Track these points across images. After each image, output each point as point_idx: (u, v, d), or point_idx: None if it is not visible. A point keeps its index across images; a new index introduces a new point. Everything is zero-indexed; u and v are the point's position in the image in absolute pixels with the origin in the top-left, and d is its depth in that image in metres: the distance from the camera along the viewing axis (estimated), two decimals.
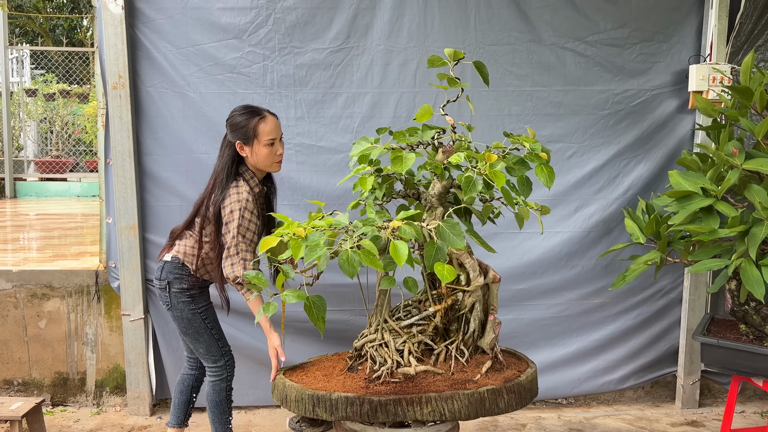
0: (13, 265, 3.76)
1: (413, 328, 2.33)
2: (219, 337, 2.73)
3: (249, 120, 2.53)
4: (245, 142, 2.54)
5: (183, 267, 2.63)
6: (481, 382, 2.15)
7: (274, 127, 2.56)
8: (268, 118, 2.56)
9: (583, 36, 3.51)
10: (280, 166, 2.63)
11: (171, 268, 2.63)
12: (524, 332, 3.64)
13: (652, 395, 3.84)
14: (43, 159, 9.70)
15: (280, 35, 3.39)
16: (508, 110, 3.52)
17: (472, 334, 2.32)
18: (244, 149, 2.55)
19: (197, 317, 2.66)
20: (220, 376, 2.74)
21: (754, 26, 3.53)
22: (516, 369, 2.30)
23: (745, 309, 2.76)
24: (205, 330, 2.68)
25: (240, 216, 2.47)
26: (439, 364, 2.26)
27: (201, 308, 2.68)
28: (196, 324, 2.66)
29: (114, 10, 3.29)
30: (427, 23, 3.42)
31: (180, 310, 2.65)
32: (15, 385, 3.67)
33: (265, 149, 2.54)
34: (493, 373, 2.23)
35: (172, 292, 2.63)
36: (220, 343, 2.73)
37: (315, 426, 3.27)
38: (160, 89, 3.41)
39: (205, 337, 2.69)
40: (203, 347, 2.70)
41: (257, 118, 2.54)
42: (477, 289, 2.30)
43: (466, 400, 2.06)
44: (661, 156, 3.59)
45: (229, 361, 2.77)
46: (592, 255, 3.60)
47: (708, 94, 3.41)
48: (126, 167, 3.40)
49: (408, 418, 2.08)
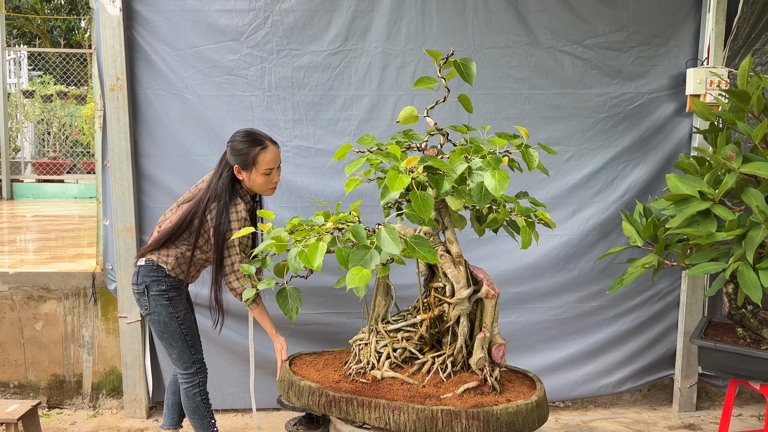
0: (9, 267, 3.75)
1: (399, 334, 2.31)
2: (193, 344, 2.75)
3: (251, 148, 2.56)
4: (243, 168, 2.58)
5: (158, 269, 2.64)
6: (447, 401, 2.05)
7: (273, 157, 2.60)
8: (269, 148, 2.59)
9: (580, 39, 3.51)
10: (273, 191, 2.70)
11: (146, 272, 2.65)
12: (521, 335, 3.64)
13: (649, 398, 3.84)
14: (41, 160, 9.68)
15: (278, 37, 3.39)
16: (506, 113, 3.52)
17: (460, 349, 2.22)
18: (242, 174, 2.60)
19: (174, 322, 2.67)
20: (191, 382, 2.76)
21: (751, 30, 3.54)
22: (507, 397, 2.13)
23: (742, 312, 2.76)
24: (179, 335, 2.69)
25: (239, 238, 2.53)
26: (419, 375, 2.20)
27: (179, 312, 2.68)
28: (171, 328, 2.68)
29: (112, 11, 3.28)
30: (425, 26, 3.42)
31: (158, 314, 2.66)
32: (11, 387, 3.66)
33: (262, 177, 2.59)
34: (474, 395, 2.09)
35: (151, 295, 2.64)
36: (193, 350, 2.75)
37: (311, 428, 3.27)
38: (157, 91, 3.40)
39: (179, 343, 2.70)
40: (176, 353, 2.72)
41: (259, 147, 2.57)
42: (462, 302, 2.19)
43: (414, 415, 1.98)
44: (658, 159, 3.60)
45: (201, 368, 2.79)
46: (589, 258, 3.61)
47: (705, 97, 3.41)
48: (123, 169, 3.39)
49: (357, 418, 2.09)
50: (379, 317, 2.39)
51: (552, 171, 3.59)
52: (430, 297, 2.29)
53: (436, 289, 2.26)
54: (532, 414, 2.04)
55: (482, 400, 2.06)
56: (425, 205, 1.91)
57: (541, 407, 2.09)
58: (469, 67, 2.23)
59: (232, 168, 2.60)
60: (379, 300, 2.41)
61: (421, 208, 1.91)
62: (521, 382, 2.32)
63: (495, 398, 2.09)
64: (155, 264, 2.64)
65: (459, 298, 2.17)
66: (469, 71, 2.22)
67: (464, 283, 2.18)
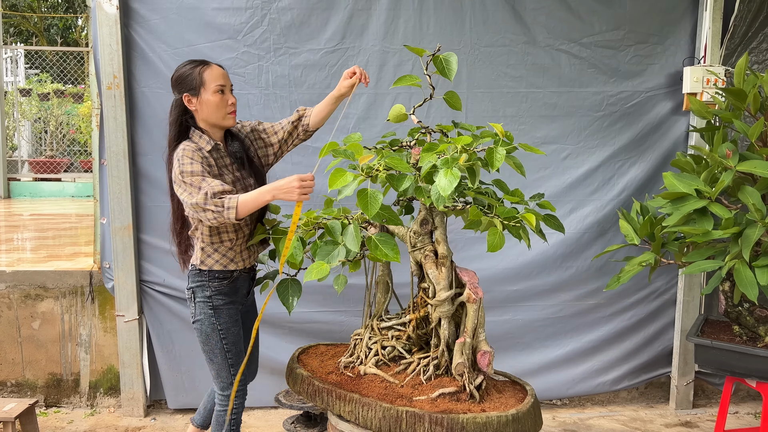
0: (6, 266, 3.75)
1: (390, 332, 2.31)
2: (234, 363, 2.44)
3: (193, 69, 2.33)
4: (192, 93, 2.33)
5: (201, 272, 2.39)
6: (417, 403, 2.04)
7: (221, 74, 2.36)
8: (213, 66, 2.36)
9: (577, 38, 3.51)
10: (234, 118, 2.40)
11: (192, 276, 2.41)
12: (519, 333, 3.65)
13: (646, 396, 3.85)
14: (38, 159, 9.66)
15: (275, 36, 3.38)
16: (503, 112, 3.52)
17: (443, 353, 2.18)
18: (192, 101, 2.33)
19: (215, 334, 2.39)
20: (225, 406, 2.47)
21: (748, 29, 3.55)
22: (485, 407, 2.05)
23: (738, 310, 2.77)
24: (220, 351, 2.40)
25: (179, 162, 2.24)
26: (403, 374, 2.21)
27: (223, 324, 2.40)
28: (212, 341, 2.40)
29: (109, 9, 3.28)
30: (423, 25, 3.42)
31: (201, 323, 2.40)
32: (8, 386, 3.65)
33: (215, 97, 2.32)
34: (448, 400, 2.06)
35: (197, 301, 2.39)
36: (233, 371, 2.44)
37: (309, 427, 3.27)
38: (155, 89, 3.40)
39: (219, 359, 2.41)
40: (215, 369, 2.45)
41: (202, 65, 2.35)
42: (442, 304, 2.16)
43: (381, 413, 2.00)
44: (655, 158, 3.60)
45: (239, 392, 2.47)
46: (586, 256, 3.61)
47: (702, 96, 3.42)
48: (120, 167, 3.39)
49: (333, 410, 2.14)
50: (376, 314, 2.40)
51: (549, 169, 3.59)
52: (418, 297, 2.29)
53: (423, 289, 2.26)
54: (507, 428, 1.95)
55: (453, 407, 2.02)
56: (372, 202, 1.95)
57: (519, 422, 1.98)
58: (450, 62, 2.17)
59: (180, 103, 2.34)
60: (379, 297, 2.42)
61: (367, 206, 1.95)
62: (513, 393, 2.21)
63: (468, 406, 2.03)
64: (196, 268, 2.39)
65: (438, 300, 2.15)
66: (449, 66, 2.16)
67: (444, 284, 2.15)
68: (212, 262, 2.37)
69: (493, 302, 3.60)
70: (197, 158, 2.25)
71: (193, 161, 2.23)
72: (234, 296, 2.43)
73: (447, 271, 2.16)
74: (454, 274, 2.19)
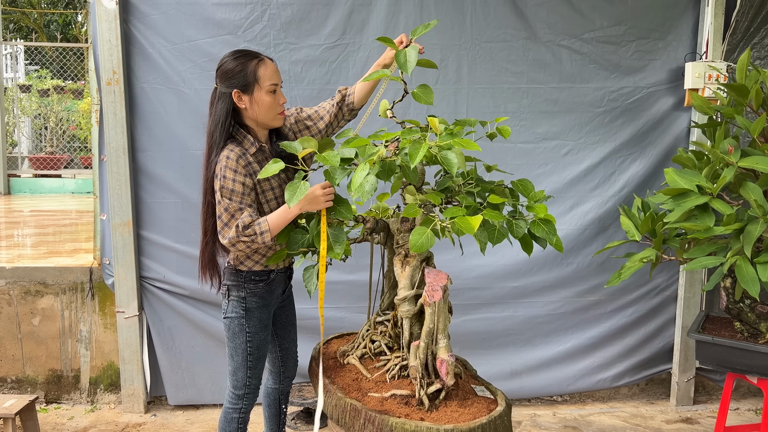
0: (6, 262, 3.74)
1: (380, 327, 2.33)
2: (254, 366, 2.38)
3: (247, 63, 2.17)
4: (244, 90, 2.17)
5: (237, 272, 2.31)
6: (367, 398, 2.05)
7: (275, 71, 2.21)
8: (267, 61, 2.20)
9: (578, 33, 3.50)
10: (283, 119, 2.28)
11: (229, 274, 2.33)
12: (519, 330, 3.64)
13: (647, 392, 3.85)
14: (38, 155, 9.65)
15: (275, 31, 3.37)
16: (504, 107, 3.51)
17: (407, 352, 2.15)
18: (243, 99, 2.18)
19: (242, 335, 2.33)
20: (234, 405, 2.41)
21: (750, 24, 3.53)
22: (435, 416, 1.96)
23: (740, 306, 2.76)
24: (243, 352, 2.34)
25: (222, 177, 2.13)
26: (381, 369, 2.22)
27: (251, 329, 2.33)
28: (238, 341, 2.33)
29: (108, 5, 3.27)
30: (423, 20, 3.41)
31: (231, 320, 2.33)
32: (8, 382, 3.65)
33: (269, 97, 2.18)
34: (396, 402, 2.04)
35: (231, 299, 2.32)
36: (250, 373, 2.38)
37: (310, 423, 3.27)
38: (154, 85, 3.39)
39: (239, 359, 2.36)
40: (232, 366, 2.39)
41: (256, 60, 2.18)
42: (402, 303, 2.12)
43: (334, 401, 2.07)
44: (656, 153, 3.59)
45: (250, 393, 2.42)
46: (587, 252, 3.61)
47: (704, 91, 3.41)
48: (120, 164, 3.38)
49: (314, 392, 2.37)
50: (380, 308, 2.42)
51: (550, 165, 3.58)
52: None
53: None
54: None
55: (396, 409, 1.99)
56: (296, 192, 1.98)
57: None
58: (409, 55, 2.06)
59: (228, 97, 2.18)
60: (384, 291, 2.44)
61: (291, 196, 1.99)
62: (480, 408, 2.03)
63: (410, 411, 1.98)
64: (234, 267, 2.31)
65: (398, 299, 2.13)
66: (408, 59, 2.06)
67: (405, 284, 2.11)
68: (251, 263, 2.30)
69: (494, 298, 3.60)
70: (240, 170, 2.14)
71: (236, 177, 2.13)
72: (269, 298, 2.37)
73: (411, 270, 2.11)
74: (421, 274, 2.12)
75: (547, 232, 2.01)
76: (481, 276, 3.55)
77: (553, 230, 2.02)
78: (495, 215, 1.93)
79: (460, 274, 3.55)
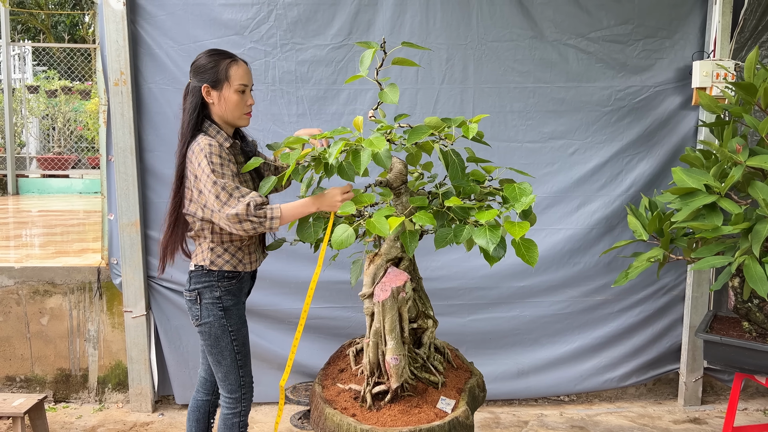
0: (15, 262, 3.77)
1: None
2: (243, 364, 2.36)
3: (220, 61, 2.24)
4: (213, 86, 2.24)
5: (209, 273, 2.28)
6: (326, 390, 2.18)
7: (246, 72, 2.28)
8: (240, 63, 2.28)
9: (585, 32, 3.49)
10: (249, 119, 2.33)
11: (198, 277, 2.29)
12: (526, 329, 3.64)
13: (654, 392, 3.84)
14: (45, 156, 9.71)
15: (281, 31, 3.38)
16: (510, 107, 3.51)
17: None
18: (212, 94, 2.25)
19: (226, 336, 2.30)
20: (233, 409, 2.37)
21: (758, 22, 3.51)
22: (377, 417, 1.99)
23: (748, 306, 2.75)
24: (230, 353, 2.31)
25: (209, 162, 2.14)
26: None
27: (233, 325, 2.31)
28: (222, 344, 2.30)
29: (115, 6, 3.28)
30: (429, 20, 3.41)
31: (210, 325, 2.28)
32: (17, 381, 3.67)
33: (236, 96, 2.25)
34: (345, 397, 2.11)
35: (204, 303, 2.28)
36: (242, 372, 2.36)
37: None
38: (161, 85, 3.40)
39: (228, 361, 2.32)
40: (222, 372, 2.34)
41: (229, 59, 2.26)
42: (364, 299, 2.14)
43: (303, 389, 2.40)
44: (664, 153, 3.58)
45: (247, 393, 2.39)
46: (594, 252, 3.60)
47: (711, 90, 3.39)
48: (128, 164, 3.39)
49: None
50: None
51: (556, 165, 3.58)
52: None
53: None
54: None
55: (341, 402, 2.05)
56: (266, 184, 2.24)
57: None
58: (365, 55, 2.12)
59: (198, 92, 2.24)
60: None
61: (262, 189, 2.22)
62: (421, 418, 2.00)
63: (350, 406, 2.03)
64: (204, 268, 2.28)
65: (360, 295, 2.17)
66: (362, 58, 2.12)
67: (367, 281, 2.14)
68: (222, 262, 2.29)
69: (501, 298, 3.59)
70: (225, 156, 2.18)
71: (223, 162, 2.16)
72: (240, 295, 2.37)
73: (374, 268, 2.14)
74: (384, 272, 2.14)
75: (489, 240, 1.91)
76: (487, 275, 3.55)
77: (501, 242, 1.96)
78: (428, 218, 1.93)
79: (466, 273, 3.55)
